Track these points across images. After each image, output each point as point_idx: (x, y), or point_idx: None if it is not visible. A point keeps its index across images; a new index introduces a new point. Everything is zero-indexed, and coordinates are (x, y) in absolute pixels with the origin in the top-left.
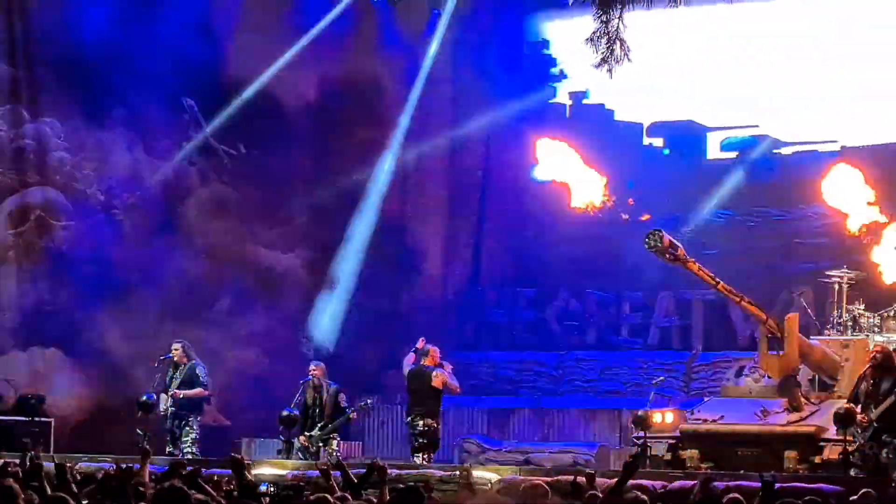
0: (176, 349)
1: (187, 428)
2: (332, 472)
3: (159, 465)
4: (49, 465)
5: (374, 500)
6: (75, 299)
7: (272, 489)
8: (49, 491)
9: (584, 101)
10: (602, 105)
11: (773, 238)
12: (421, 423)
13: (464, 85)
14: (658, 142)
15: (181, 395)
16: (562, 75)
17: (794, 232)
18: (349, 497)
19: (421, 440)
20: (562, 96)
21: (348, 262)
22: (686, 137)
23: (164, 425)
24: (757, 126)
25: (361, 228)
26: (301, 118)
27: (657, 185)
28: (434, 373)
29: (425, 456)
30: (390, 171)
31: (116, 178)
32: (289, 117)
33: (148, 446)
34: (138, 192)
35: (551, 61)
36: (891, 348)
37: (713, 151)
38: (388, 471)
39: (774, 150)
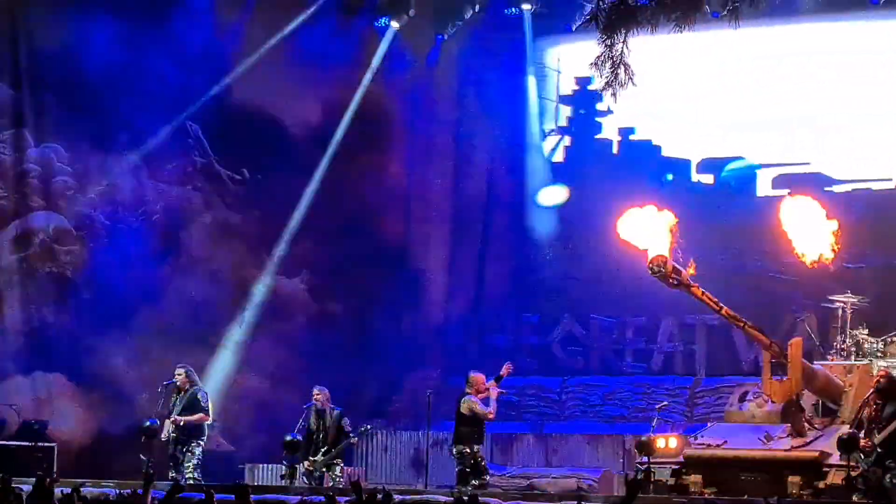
0: (179, 374)
1: (189, 454)
2: (338, 497)
3: (162, 491)
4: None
5: None
6: (79, 324)
7: None
8: None
9: (632, 138)
10: (649, 141)
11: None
12: (454, 450)
13: (468, 110)
14: (708, 178)
15: (181, 422)
16: (608, 111)
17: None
18: None
19: (459, 467)
20: (608, 132)
21: (351, 287)
22: (736, 173)
23: (167, 451)
24: (808, 164)
25: (365, 252)
26: (304, 143)
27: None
28: (464, 399)
29: (475, 482)
30: (393, 195)
31: (121, 203)
32: (292, 142)
33: (152, 472)
34: (143, 217)
35: (597, 96)
36: (894, 374)
37: (763, 188)
38: (393, 496)
39: (826, 188)
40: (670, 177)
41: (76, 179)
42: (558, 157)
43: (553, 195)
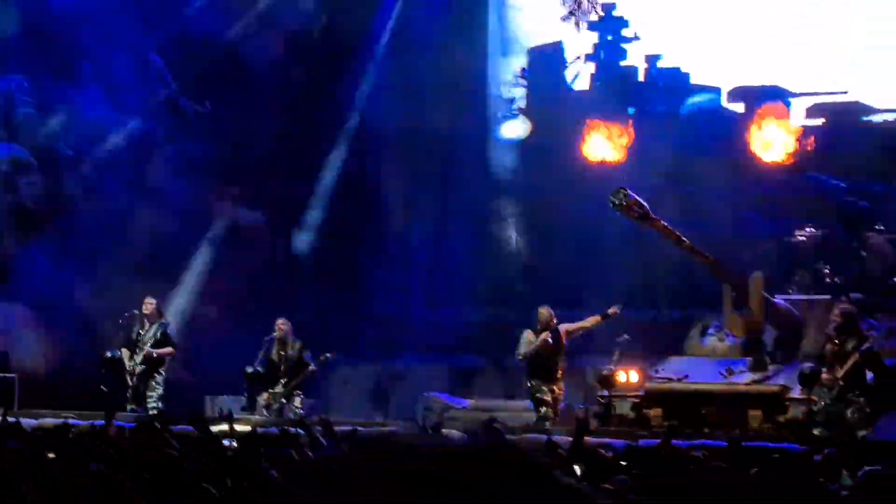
0: (150, 303)
1: (153, 383)
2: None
3: (124, 422)
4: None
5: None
6: (41, 255)
7: (234, 444)
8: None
9: (659, 64)
10: (678, 69)
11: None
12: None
13: (429, 43)
14: (739, 107)
15: (155, 355)
16: (635, 37)
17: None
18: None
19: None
20: (633, 59)
21: (313, 219)
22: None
23: (128, 382)
24: (846, 92)
25: (326, 185)
26: (267, 75)
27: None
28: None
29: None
30: (355, 129)
31: (84, 135)
32: (256, 75)
33: (113, 402)
34: (106, 149)
35: (623, 22)
36: (854, 308)
37: (797, 118)
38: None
39: (864, 118)
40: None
41: (39, 111)
42: (583, 84)
43: (513, 129)
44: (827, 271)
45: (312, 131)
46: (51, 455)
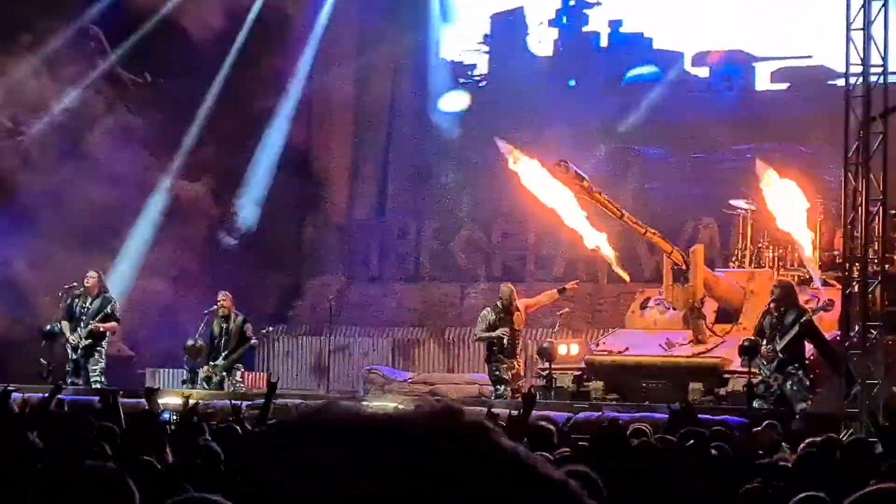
0: (92, 277)
1: (96, 356)
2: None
3: (65, 395)
4: None
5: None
6: None
7: (174, 417)
8: None
9: (621, 30)
10: (640, 34)
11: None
12: None
13: (371, 13)
14: (703, 71)
15: (101, 329)
16: (597, 2)
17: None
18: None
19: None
20: (595, 24)
21: (254, 191)
22: (733, 68)
23: (67, 355)
24: (811, 56)
25: (267, 156)
26: (207, 46)
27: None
28: None
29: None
30: (296, 100)
31: (22, 105)
32: (195, 45)
33: (60, 381)
34: (45, 119)
35: None
36: (792, 281)
37: (762, 83)
38: (294, 402)
39: (829, 82)
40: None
41: None
42: (546, 51)
43: (454, 101)
44: (766, 244)
45: (253, 101)
46: None
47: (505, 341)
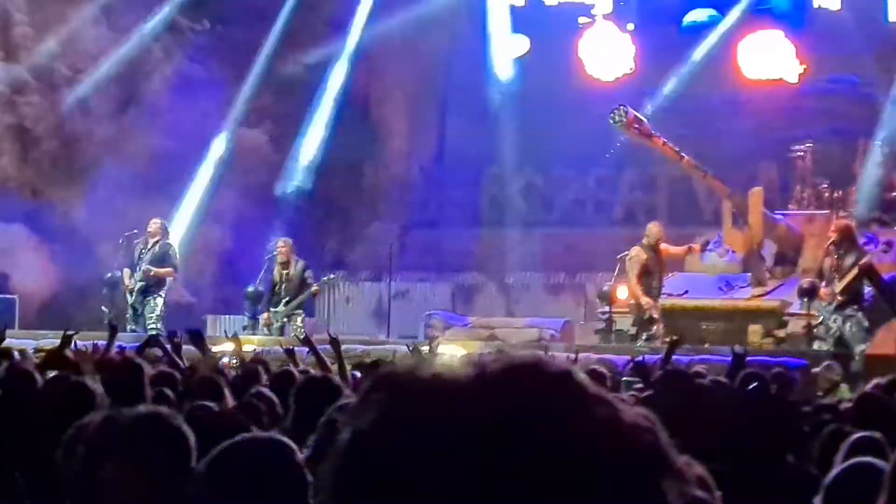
0: (155, 223)
1: (152, 303)
2: (296, 348)
3: (124, 343)
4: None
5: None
6: (40, 175)
7: (234, 361)
8: None
9: None
10: None
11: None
12: None
13: None
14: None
15: (152, 273)
16: None
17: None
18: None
19: None
20: None
21: (313, 139)
22: None
23: (127, 302)
24: None
25: (326, 103)
26: None
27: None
28: None
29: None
30: (355, 46)
31: (81, 54)
32: None
33: (115, 324)
34: (104, 69)
35: None
36: (852, 223)
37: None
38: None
39: None
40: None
41: (36, 30)
42: None
43: (514, 46)
44: (825, 186)
45: (313, 48)
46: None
47: (653, 284)
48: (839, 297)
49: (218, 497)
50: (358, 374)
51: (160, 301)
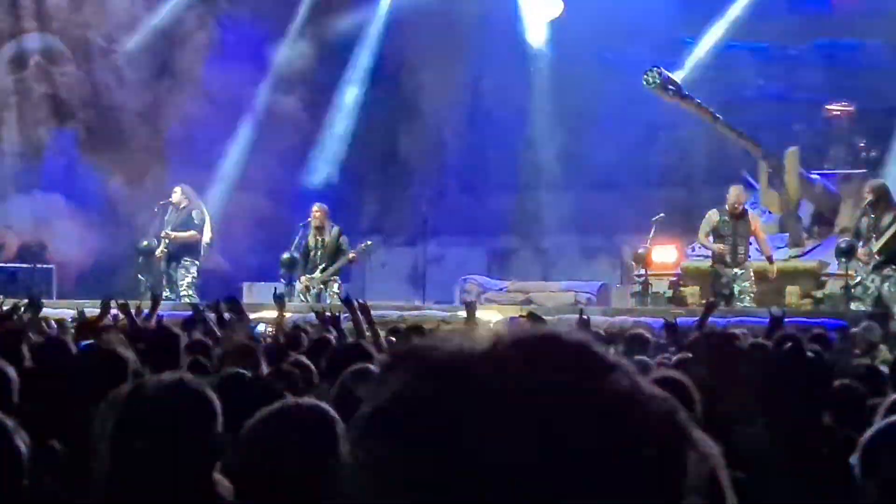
0: (176, 192)
1: (183, 271)
2: (327, 313)
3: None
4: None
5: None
6: (76, 144)
7: (269, 330)
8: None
9: None
10: None
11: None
12: None
13: None
14: None
15: (172, 237)
16: None
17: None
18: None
19: None
20: None
21: (347, 104)
22: None
23: (162, 270)
24: None
25: (360, 69)
26: None
27: None
28: None
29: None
30: (388, 11)
31: (115, 23)
32: None
33: (158, 293)
34: (138, 37)
35: None
36: (886, 182)
37: None
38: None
39: None
40: None
41: (69, 1)
42: None
43: (548, 9)
44: (862, 145)
45: (346, 14)
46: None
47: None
48: (877, 257)
49: (256, 462)
50: (393, 340)
51: (193, 269)
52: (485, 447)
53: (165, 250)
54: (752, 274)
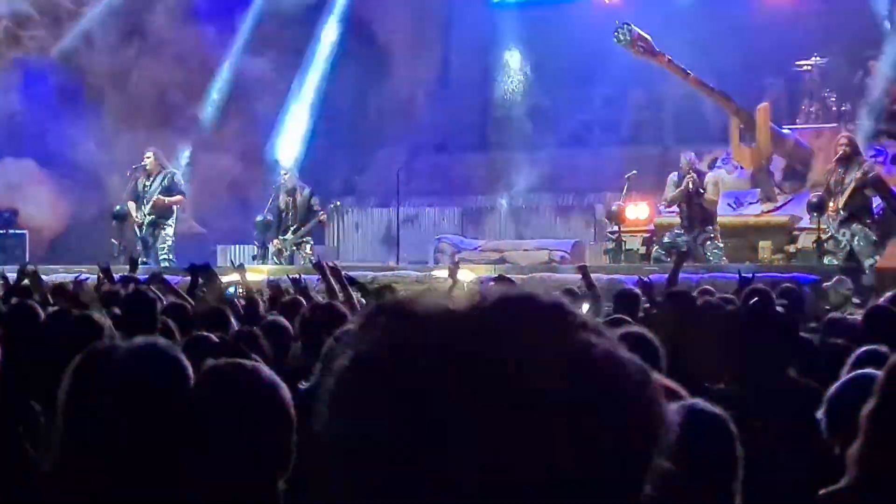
0: (148, 157)
1: (163, 234)
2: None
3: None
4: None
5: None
6: (47, 109)
7: (241, 291)
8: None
9: None
10: None
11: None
12: None
13: None
14: None
15: (165, 202)
16: None
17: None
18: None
19: None
20: None
21: (317, 65)
22: None
23: (136, 234)
24: None
25: (330, 31)
26: None
27: None
28: None
29: None
30: None
31: None
32: None
33: (135, 256)
34: (106, 1)
35: None
36: (854, 136)
37: None
38: (365, 274)
39: None
40: None
41: None
42: None
43: None
44: (833, 100)
45: None
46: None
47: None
48: (842, 212)
49: (201, 420)
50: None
51: (170, 231)
52: (458, 395)
53: (151, 216)
54: (715, 233)
